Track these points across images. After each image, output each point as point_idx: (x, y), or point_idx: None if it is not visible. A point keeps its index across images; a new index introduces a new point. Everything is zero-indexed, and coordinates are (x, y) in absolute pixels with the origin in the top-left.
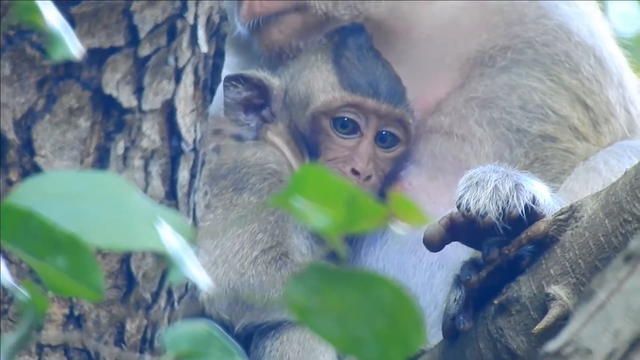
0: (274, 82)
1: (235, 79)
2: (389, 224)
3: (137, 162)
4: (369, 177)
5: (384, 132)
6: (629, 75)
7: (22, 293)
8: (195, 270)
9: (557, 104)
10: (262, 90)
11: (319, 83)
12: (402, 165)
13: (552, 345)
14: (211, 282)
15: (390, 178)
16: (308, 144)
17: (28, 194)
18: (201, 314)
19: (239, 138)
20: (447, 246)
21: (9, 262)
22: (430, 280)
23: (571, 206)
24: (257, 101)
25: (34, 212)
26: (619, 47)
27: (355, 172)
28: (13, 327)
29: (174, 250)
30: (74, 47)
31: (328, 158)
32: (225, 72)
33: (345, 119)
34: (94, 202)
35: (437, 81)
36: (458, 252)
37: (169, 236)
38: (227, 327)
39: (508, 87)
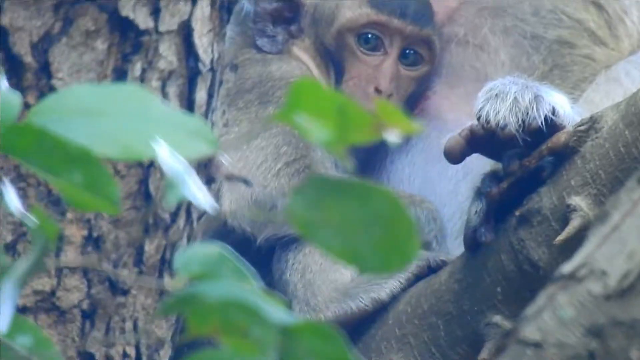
0: None
1: None
2: (382, 133)
3: (155, 84)
4: (390, 96)
5: (408, 51)
6: None
7: (31, 219)
8: (197, 191)
9: (569, 7)
10: (292, 4)
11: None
12: (426, 85)
13: (567, 267)
14: (215, 203)
15: (414, 97)
16: (333, 61)
17: (45, 112)
18: (222, 228)
19: (263, 51)
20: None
21: (26, 185)
22: (456, 188)
23: (591, 117)
24: (286, 14)
25: (47, 130)
26: None
27: (377, 90)
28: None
29: (174, 169)
30: None
31: (352, 75)
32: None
33: (369, 35)
34: (113, 114)
35: None
36: (483, 162)
37: (167, 155)
38: (249, 240)
39: None
